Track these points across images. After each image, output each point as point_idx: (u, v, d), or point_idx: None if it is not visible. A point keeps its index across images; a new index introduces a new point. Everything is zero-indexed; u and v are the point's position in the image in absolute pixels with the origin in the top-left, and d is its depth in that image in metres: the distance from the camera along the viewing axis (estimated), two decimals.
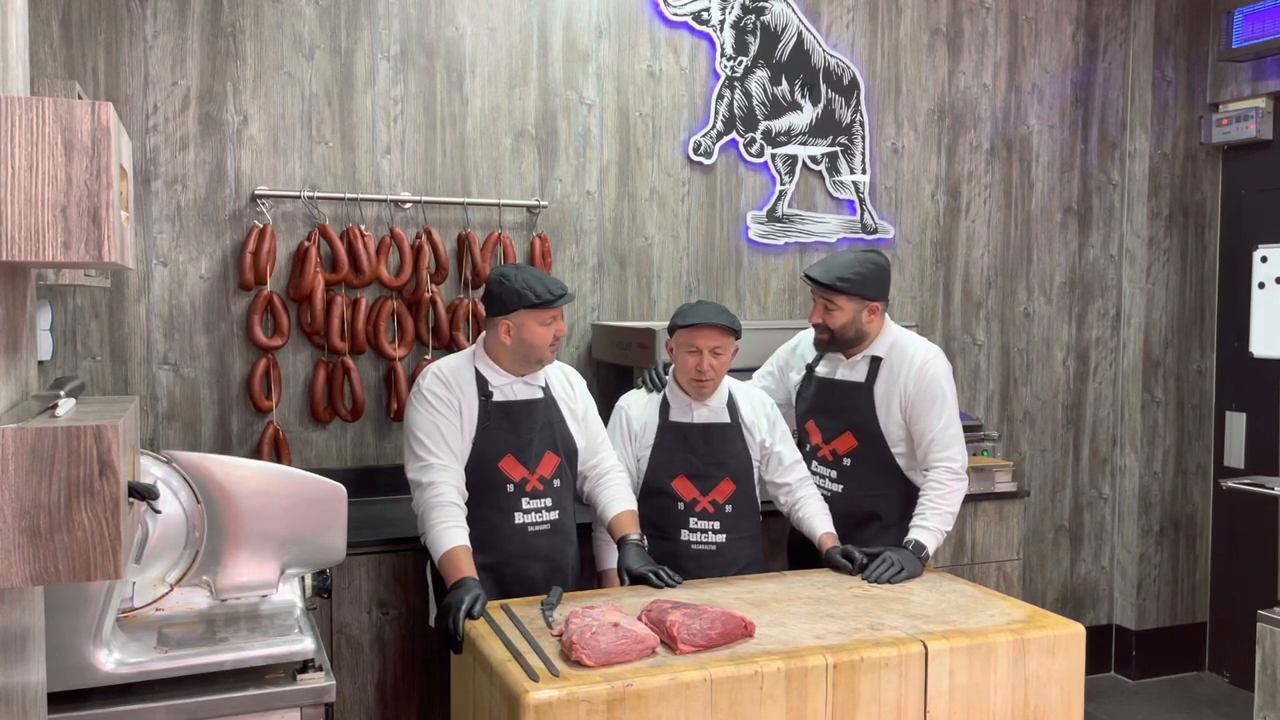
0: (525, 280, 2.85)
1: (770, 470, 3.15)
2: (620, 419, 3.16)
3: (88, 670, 2.02)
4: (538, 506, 2.92)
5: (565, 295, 2.87)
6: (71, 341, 3.41)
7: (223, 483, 2.23)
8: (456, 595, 2.58)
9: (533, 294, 2.82)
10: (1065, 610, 4.78)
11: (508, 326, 2.85)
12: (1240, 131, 4.60)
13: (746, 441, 3.11)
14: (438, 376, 2.88)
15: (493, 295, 2.88)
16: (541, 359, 2.91)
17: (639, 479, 3.12)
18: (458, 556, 2.68)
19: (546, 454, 2.93)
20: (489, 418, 2.87)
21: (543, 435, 2.94)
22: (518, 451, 2.89)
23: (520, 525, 2.90)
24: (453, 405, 2.84)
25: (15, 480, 1.22)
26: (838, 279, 3.07)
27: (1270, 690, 3.27)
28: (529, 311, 2.83)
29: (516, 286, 2.84)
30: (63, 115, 1.22)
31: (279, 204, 3.59)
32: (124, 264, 1.36)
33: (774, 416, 3.18)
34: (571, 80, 3.97)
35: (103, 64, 3.40)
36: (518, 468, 2.89)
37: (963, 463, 3.10)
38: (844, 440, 3.18)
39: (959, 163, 4.59)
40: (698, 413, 3.09)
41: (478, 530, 2.81)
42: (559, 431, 2.97)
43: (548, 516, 2.94)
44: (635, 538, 2.91)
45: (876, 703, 2.34)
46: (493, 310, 2.89)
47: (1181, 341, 4.89)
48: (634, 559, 2.85)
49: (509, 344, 2.87)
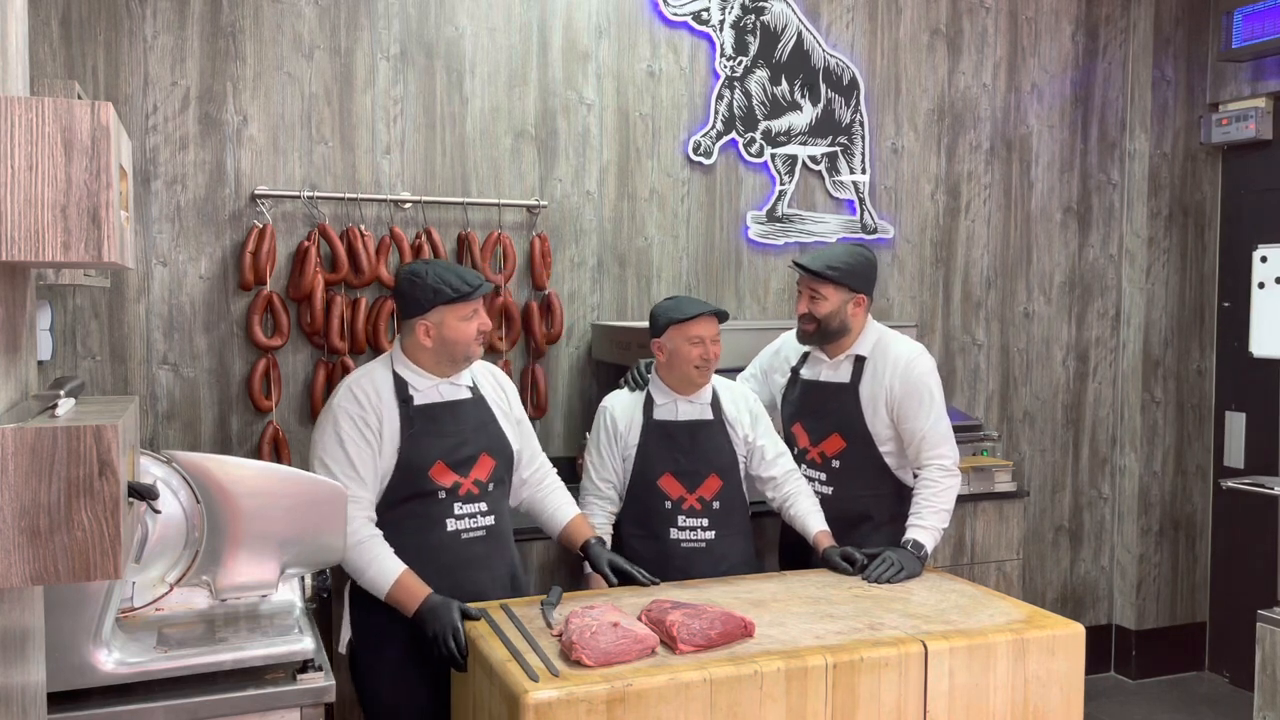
0: (439, 274, 2.67)
1: (754, 465, 3.16)
2: (605, 419, 3.15)
3: (87, 670, 2.02)
4: (471, 512, 2.74)
5: (483, 285, 2.69)
6: (71, 341, 3.41)
7: (222, 483, 2.23)
8: (437, 617, 2.50)
9: (449, 288, 2.65)
10: (1065, 610, 4.78)
11: (426, 327, 2.67)
12: (1240, 131, 4.60)
13: (730, 437, 3.12)
14: (352, 393, 2.68)
15: (405, 295, 2.70)
16: (469, 356, 2.73)
17: (625, 479, 3.12)
18: (407, 583, 2.58)
19: (481, 456, 2.75)
20: (412, 424, 2.68)
21: (476, 437, 2.76)
22: (447, 456, 2.70)
23: (453, 533, 2.72)
24: (369, 424, 2.65)
25: (15, 480, 1.22)
26: (827, 266, 3.09)
27: (1270, 690, 3.27)
28: (448, 307, 2.65)
29: (430, 282, 2.66)
30: (62, 115, 1.22)
31: (279, 204, 3.59)
32: (124, 264, 1.36)
33: (757, 411, 3.19)
34: (571, 80, 3.97)
35: (102, 64, 3.40)
36: (448, 473, 2.70)
37: (954, 459, 3.10)
38: (832, 442, 3.18)
39: (959, 163, 4.59)
40: (682, 409, 3.10)
41: (408, 543, 2.66)
42: (492, 432, 2.80)
43: (483, 522, 2.77)
44: (595, 540, 2.89)
45: (876, 703, 2.34)
46: (407, 311, 2.70)
47: (1181, 341, 4.89)
48: (610, 556, 2.84)
49: (430, 345, 2.69)
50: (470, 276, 2.70)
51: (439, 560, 2.70)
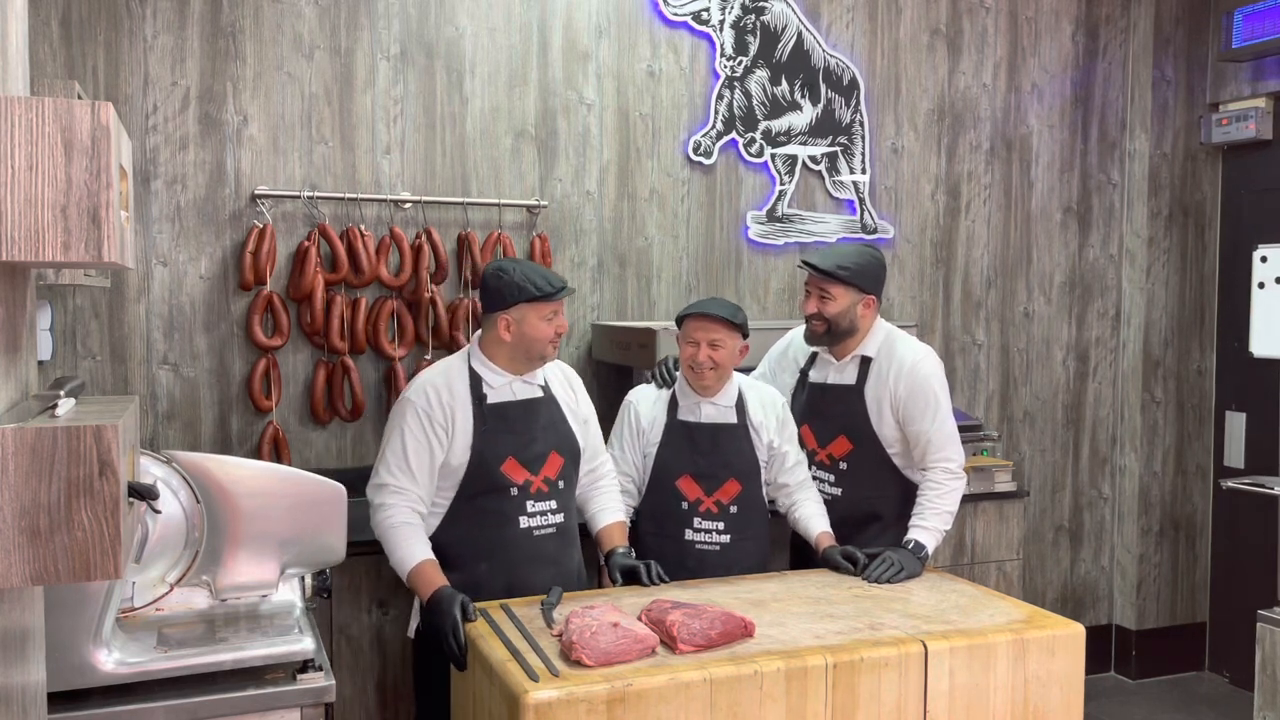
0: (524, 273, 2.74)
1: (774, 470, 3.14)
2: (629, 414, 3.15)
3: (87, 670, 2.02)
4: (543, 510, 2.81)
5: (566, 288, 2.77)
6: (71, 341, 3.41)
7: (222, 483, 2.23)
8: (440, 612, 2.52)
9: (534, 286, 2.71)
10: (1065, 610, 4.78)
11: (507, 322, 2.73)
12: (1240, 131, 4.60)
13: (754, 442, 3.10)
14: (427, 391, 2.75)
15: (490, 289, 2.76)
16: (544, 355, 2.79)
17: (645, 475, 3.12)
18: (425, 571, 2.62)
19: (551, 455, 2.82)
20: (485, 421, 2.76)
21: (545, 436, 2.83)
22: (519, 453, 2.77)
23: (526, 530, 2.79)
24: (439, 422, 2.72)
25: (15, 480, 1.21)
26: (838, 266, 3.06)
27: (1270, 690, 3.27)
28: (530, 305, 2.72)
29: (516, 279, 2.72)
30: (62, 115, 1.22)
31: (279, 204, 3.59)
32: (124, 264, 1.36)
33: (784, 416, 3.17)
34: (571, 80, 3.97)
35: (102, 64, 3.40)
36: (520, 470, 2.77)
37: (959, 461, 3.10)
38: (839, 444, 3.18)
39: (959, 163, 4.59)
40: (705, 411, 3.08)
41: (482, 537, 2.76)
42: (561, 431, 2.87)
43: (553, 520, 2.83)
44: (623, 550, 2.90)
45: (876, 703, 2.34)
46: (491, 305, 2.76)
47: (1181, 341, 4.89)
48: (624, 563, 2.86)
49: (509, 340, 2.75)
50: (554, 278, 2.77)
51: (511, 556, 2.77)
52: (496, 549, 2.77)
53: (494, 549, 2.77)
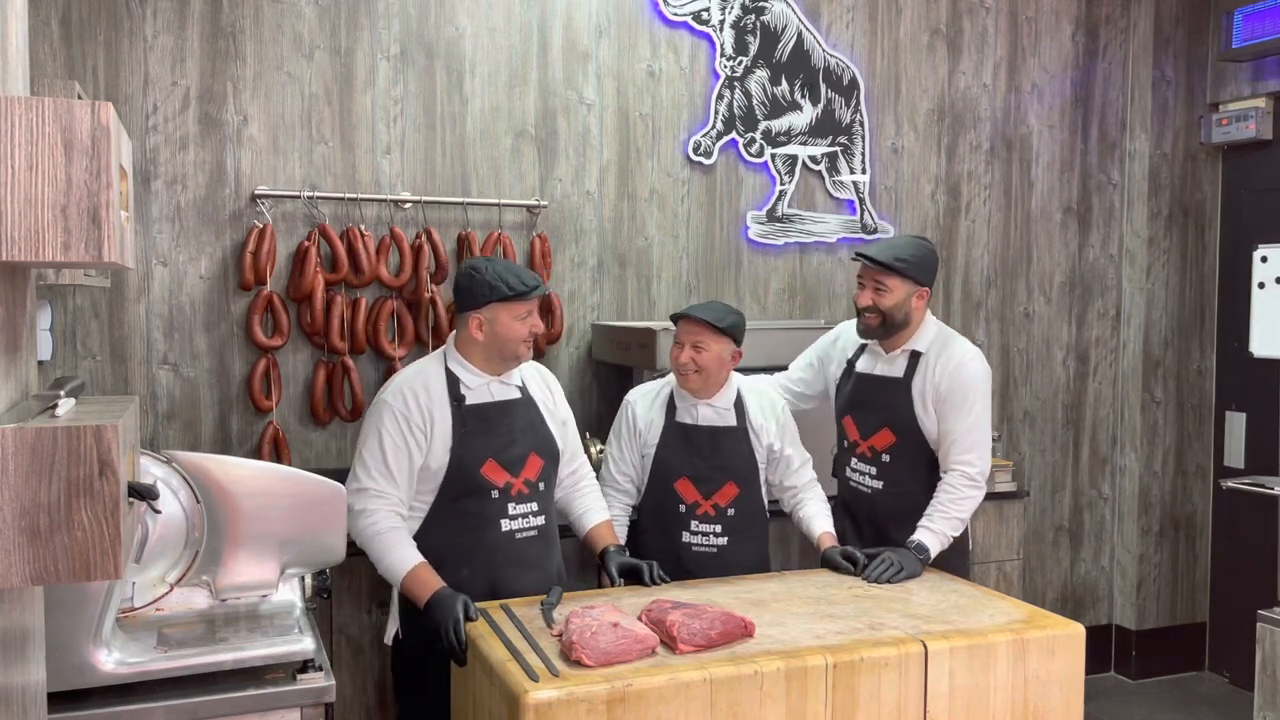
0: (497, 272, 2.71)
1: (779, 473, 3.14)
2: (627, 414, 3.15)
3: (87, 670, 2.02)
4: (524, 512, 2.78)
5: (539, 287, 2.74)
6: (71, 341, 3.41)
7: (222, 483, 2.23)
8: (443, 610, 2.51)
9: (505, 286, 2.69)
10: (1065, 610, 4.78)
11: (479, 321, 2.72)
12: (1240, 131, 4.60)
13: (753, 445, 3.09)
14: (404, 393, 2.72)
15: (462, 289, 2.74)
16: (517, 355, 2.77)
17: (643, 476, 3.12)
18: (421, 575, 2.61)
19: (530, 456, 2.80)
20: (465, 423, 2.73)
21: (525, 437, 2.80)
22: (499, 455, 2.74)
23: (508, 533, 2.76)
24: (418, 425, 2.69)
25: (15, 480, 1.21)
26: (895, 258, 3.03)
27: (1270, 690, 3.27)
28: (502, 304, 2.70)
29: (488, 278, 2.70)
30: (62, 115, 1.22)
31: (279, 204, 3.59)
32: (124, 264, 1.36)
33: (784, 419, 3.16)
34: (571, 80, 3.97)
35: (103, 64, 3.40)
36: (501, 473, 2.74)
37: (981, 469, 3.05)
38: (882, 436, 3.14)
39: (959, 163, 4.59)
40: (702, 414, 3.07)
41: (463, 541, 2.73)
42: (540, 433, 2.84)
43: (534, 523, 2.81)
44: (616, 548, 2.91)
45: (876, 703, 2.34)
46: (463, 305, 2.74)
47: (1181, 341, 4.89)
48: (622, 561, 2.86)
49: (481, 340, 2.73)
50: (528, 277, 2.74)
51: (493, 559, 2.74)
52: (477, 552, 2.74)
53: (475, 552, 2.73)
